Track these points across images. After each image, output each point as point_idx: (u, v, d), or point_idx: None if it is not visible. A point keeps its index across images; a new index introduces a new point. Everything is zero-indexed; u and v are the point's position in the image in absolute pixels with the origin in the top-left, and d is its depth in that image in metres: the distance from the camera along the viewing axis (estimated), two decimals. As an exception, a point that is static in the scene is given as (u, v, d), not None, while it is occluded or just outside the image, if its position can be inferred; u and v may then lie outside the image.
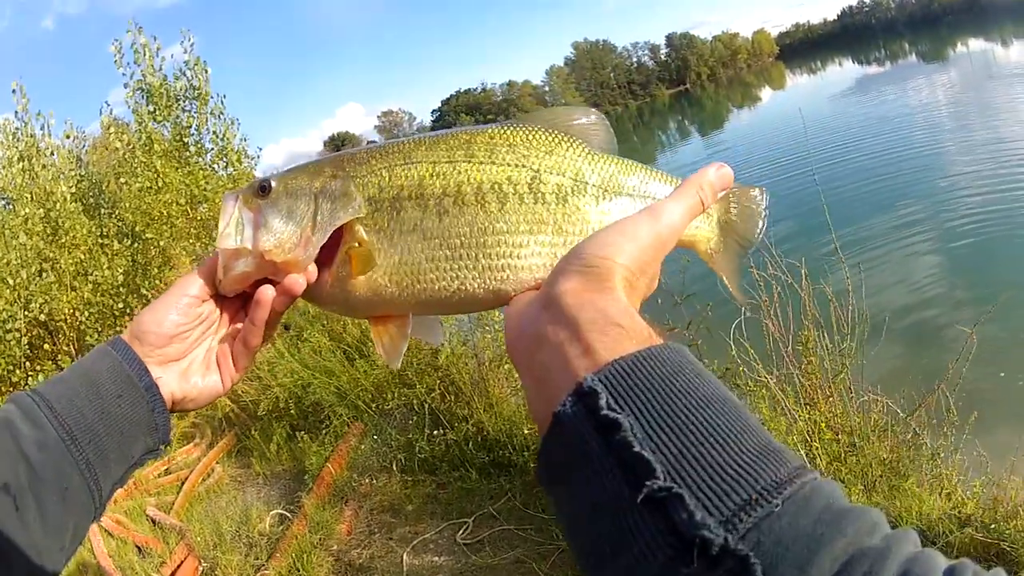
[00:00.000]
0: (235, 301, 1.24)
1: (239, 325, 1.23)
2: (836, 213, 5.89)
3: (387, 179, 1.10)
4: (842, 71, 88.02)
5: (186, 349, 1.19)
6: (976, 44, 63.21)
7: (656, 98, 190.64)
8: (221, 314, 1.24)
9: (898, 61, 79.10)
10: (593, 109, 1.17)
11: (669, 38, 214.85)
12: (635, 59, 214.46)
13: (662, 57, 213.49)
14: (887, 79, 48.45)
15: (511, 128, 1.12)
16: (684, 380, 0.64)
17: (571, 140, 1.12)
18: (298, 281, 1.11)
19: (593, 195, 1.10)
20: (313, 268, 1.12)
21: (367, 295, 1.11)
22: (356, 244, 1.10)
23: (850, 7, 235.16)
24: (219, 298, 1.22)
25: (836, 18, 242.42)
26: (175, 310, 1.16)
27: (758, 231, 1.21)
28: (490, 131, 1.12)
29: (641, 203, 1.11)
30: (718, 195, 0.99)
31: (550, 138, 1.12)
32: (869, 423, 4.61)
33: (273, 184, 1.14)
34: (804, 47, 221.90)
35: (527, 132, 1.12)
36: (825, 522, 0.54)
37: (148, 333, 1.15)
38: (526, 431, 5.59)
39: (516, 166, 1.09)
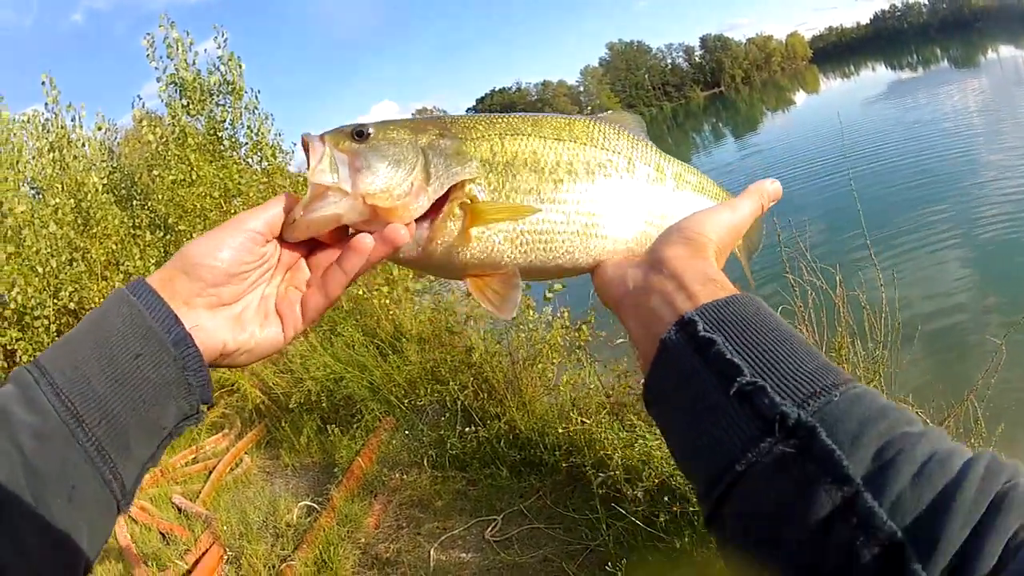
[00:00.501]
0: (298, 248, 1.13)
1: (300, 275, 1.13)
2: (869, 218, 5.90)
3: (499, 145, 1.16)
4: (875, 76, 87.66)
5: (241, 292, 1.07)
6: (1007, 51, 62.98)
7: (691, 100, 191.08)
8: (279, 260, 1.12)
9: (930, 66, 78.56)
10: (634, 115, 1.34)
11: (703, 40, 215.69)
12: (669, 61, 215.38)
13: (696, 59, 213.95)
14: (920, 84, 48.05)
15: (599, 121, 1.26)
16: (763, 316, 0.83)
17: (645, 139, 1.30)
18: (400, 232, 1.06)
19: (670, 185, 1.31)
20: (404, 229, 1.09)
21: (477, 254, 1.13)
22: (467, 202, 1.13)
23: (883, 11, 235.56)
24: (281, 242, 1.11)
25: (869, 22, 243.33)
26: (237, 243, 1.04)
27: (761, 238, 1.58)
28: (583, 120, 1.25)
29: (698, 195, 1.35)
30: (772, 203, 1.21)
31: (631, 135, 1.28)
32: None
33: (371, 130, 1.12)
34: (837, 51, 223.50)
35: (614, 127, 1.27)
36: (873, 410, 0.70)
37: (201, 267, 1.01)
38: (560, 430, 5.57)
39: (613, 152, 1.24)
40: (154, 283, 1.00)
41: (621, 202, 1.22)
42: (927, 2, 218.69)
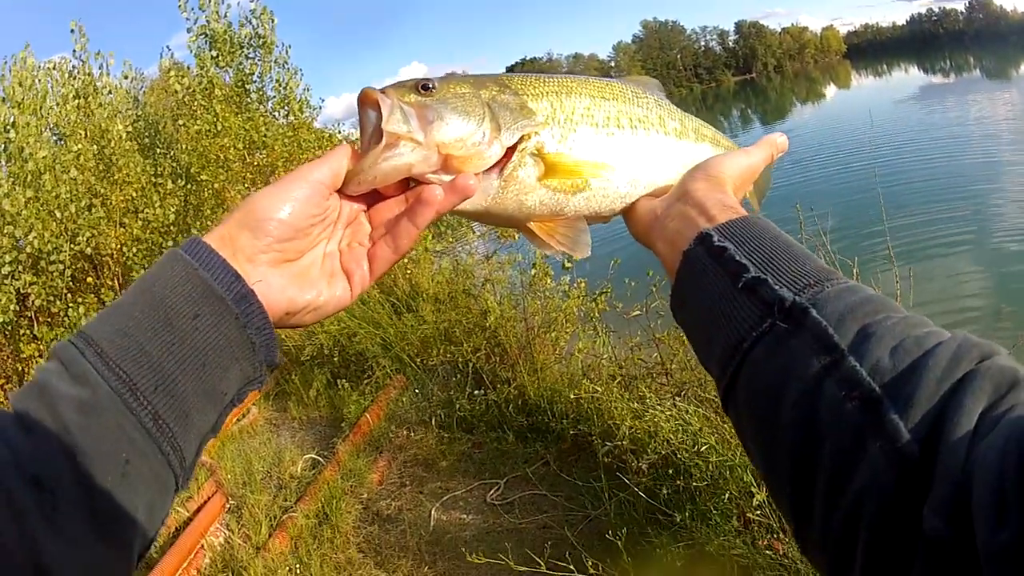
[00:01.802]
0: (360, 200, 1.10)
1: (362, 230, 1.10)
2: (890, 216, 5.89)
3: (558, 101, 1.24)
4: (907, 77, 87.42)
5: (305, 247, 1.03)
6: None
7: (721, 84, 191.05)
8: (340, 214, 1.09)
9: (963, 74, 77.74)
10: (654, 79, 1.51)
11: (738, 25, 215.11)
12: (703, 43, 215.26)
13: (730, 44, 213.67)
14: (951, 90, 47.94)
15: (626, 83, 1.39)
16: (770, 230, 0.95)
17: (666, 99, 1.45)
18: (471, 182, 1.07)
19: (692, 138, 1.45)
20: (474, 178, 1.10)
21: (546, 201, 1.20)
22: (535, 153, 1.19)
23: (919, 14, 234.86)
24: (344, 195, 1.08)
25: (905, 23, 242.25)
26: (303, 197, 1.00)
27: (769, 185, 1.74)
28: (615, 83, 1.36)
29: (714, 146, 1.51)
30: (779, 155, 1.36)
31: (655, 96, 1.42)
32: None
33: (435, 84, 1.13)
34: (872, 49, 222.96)
35: (641, 88, 1.40)
36: (860, 297, 0.81)
37: (269, 220, 0.97)
38: (570, 396, 5.54)
39: (647, 108, 1.37)
40: (212, 241, 0.94)
41: (658, 152, 1.34)
42: (963, 11, 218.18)
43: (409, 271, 8.48)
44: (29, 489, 0.72)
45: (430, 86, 1.12)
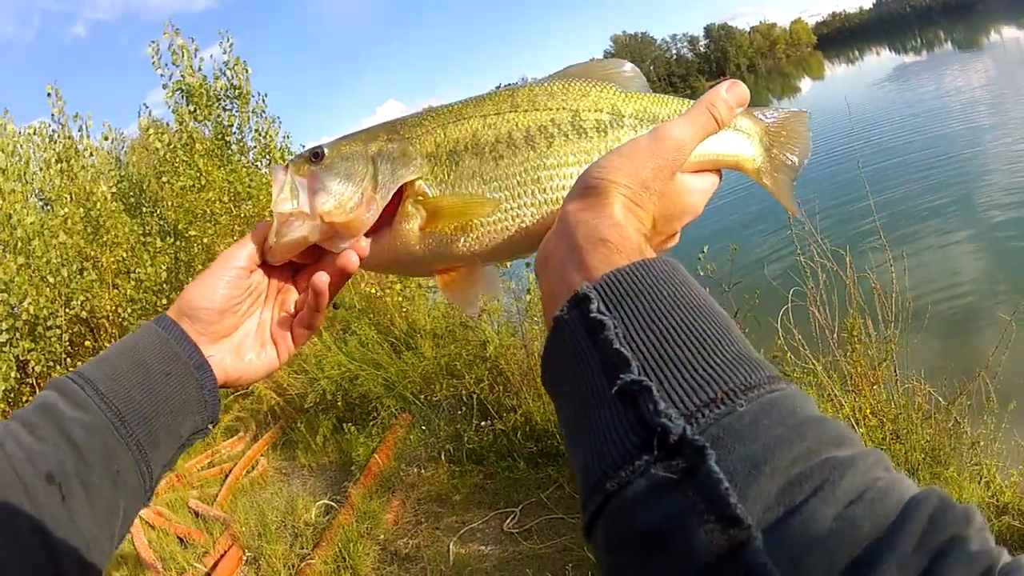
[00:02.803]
0: (283, 270, 1.23)
1: (290, 295, 1.24)
2: (878, 201, 5.93)
3: (442, 136, 1.18)
4: (880, 60, 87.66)
5: (237, 323, 1.19)
6: (1009, 32, 63.46)
7: (696, 90, 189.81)
8: (269, 284, 1.23)
9: (934, 50, 78.52)
10: (627, 61, 1.25)
11: (707, 30, 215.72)
12: (675, 51, 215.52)
13: (701, 49, 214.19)
14: (924, 67, 48.43)
15: (548, 80, 1.22)
16: (670, 289, 0.69)
17: (604, 84, 1.21)
18: (351, 259, 1.14)
19: (631, 126, 1.18)
20: (364, 240, 1.16)
21: (435, 247, 1.16)
22: (418, 200, 1.16)
23: None
24: (267, 268, 1.21)
25: (872, 7, 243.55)
26: (225, 283, 1.15)
27: (804, 151, 1.28)
28: (529, 86, 1.22)
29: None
30: (735, 111, 1.00)
31: (585, 84, 1.20)
32: (912, 409, 4.61)
33: (326, 151, 1.18)
34: (842, 36, 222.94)
35: (563, 82, 1.21)
36: (788, 426, 0.57)
37: (199, 309, 1.13)
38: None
39: (557, 109, 1.18)
40: (172, 317, 1.15)
41: (567, 160, 1.16)
42: None
43: (405, 309, 8.47)
44: (42, 482, 0.93)
45: (321, 153, 1.17)
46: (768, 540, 0.49)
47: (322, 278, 1.14)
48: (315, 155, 1.17)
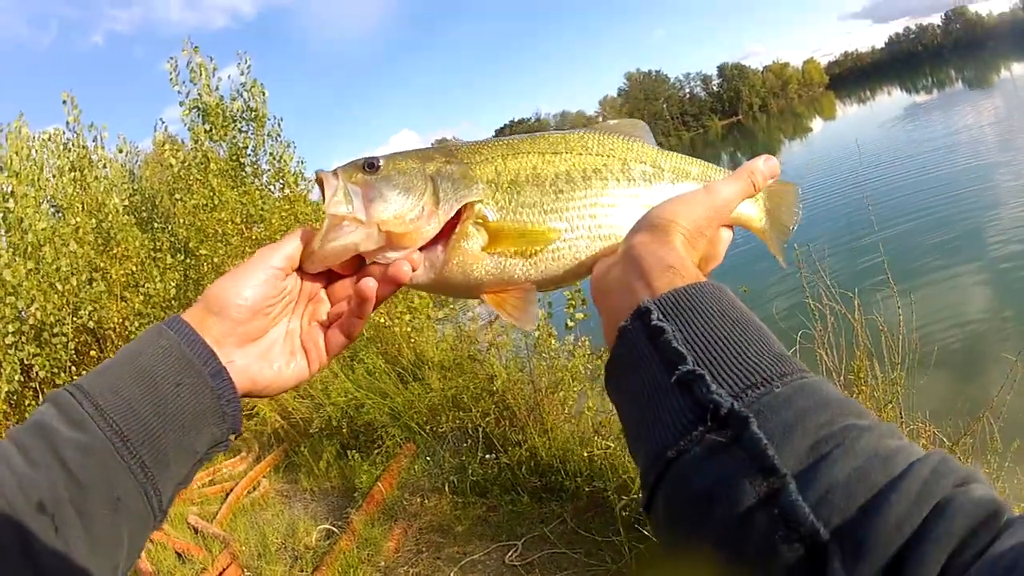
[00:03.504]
0: (318, 279, 1.20)
1: (322, 306, 1.21)
2: (888, 239, 5.99)
3: (502, 165, 1.25)
4: (891, 100, 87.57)
5: (266, 326, 1.14)
6: (1019, 68, 63.83)
7: (709, 129, 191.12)
8: (300, 292, 1.19)
9: (945, 88, 78.91)
10: (639, 120, 1.42)
11: (721, 68, 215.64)
12: (688, 90, 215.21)
13: (714, 88, 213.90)
14: (935, 106, 48.66)
15: (592, 131, 1.34)
16: (719, 304, 0.83)
17: (640, 140, 1.36)
18: (404, 268, 1.14)
19: (668, 179, 1.35)
20: (418, 253, 1.18)
21: (492, 269, 1.21)
22: (478, 222, 1.21)
23: (897, 35, 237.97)
24: (302, 274, 1.19)
25: (884, 46, 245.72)
26: (260, 281, 1.11)
27: (795, 218, 1.48)
28: (577, 133, 1.33)
29: (701, 185, 1.29)
30: (768, 182, 1.19)
31: (625, 138, 1.35)
32: None
33: (382, 162, 1.20)
34: (853, 76, 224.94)
35: (606, 133, 1.34)
36: (816, 401, 0.70)
37: (231, 306, 1.08)
38: (585, 453, 5.61)
39: (608, 156, 1.31)
40: (188, 320, 1.07)
41: (619, 202, 1.28)
42: (940, 24, 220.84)
43: (413, 340, 8.50)
44: (33, 512, 0.86)
45: (376, 164, 1.19)
46: (799, 485, 0.62)
47: (370, 283, 1.13)
48: (370, 165, 1.19)
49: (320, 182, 1.18)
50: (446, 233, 1.20)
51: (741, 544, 0.64)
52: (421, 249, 1.18)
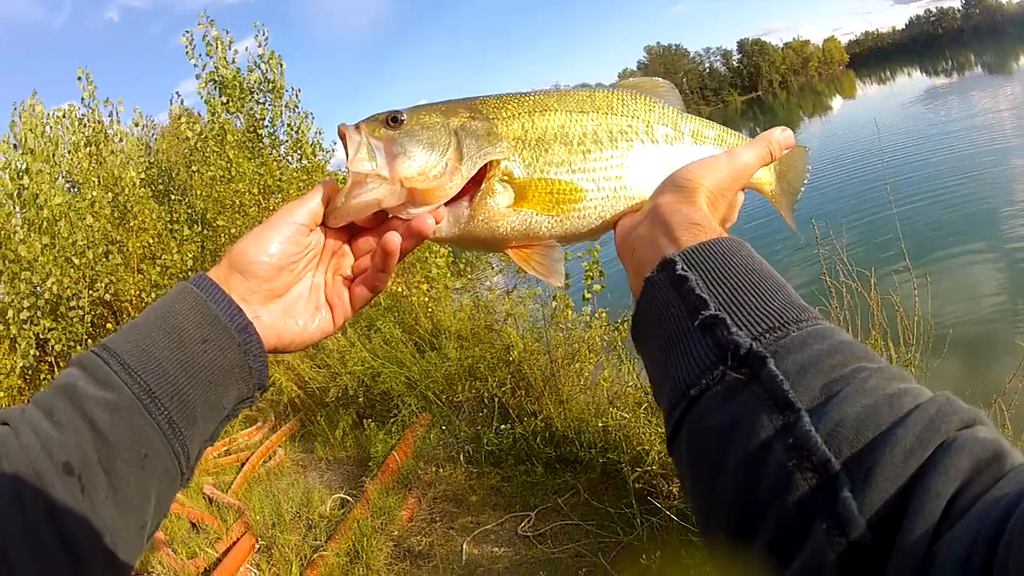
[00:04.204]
0: (341, 233, 1.21)
1: (345, 260, 1.22)
2: (904, 223, 5.94)
3: (530, 122, 1.25)
4: (911, 81, 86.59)
5: (291, 282, 1.15)
6: None
7: (728, 104, 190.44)
8: (324, 246, 1.20)
9: (965, 72, 77.74)
10: (664, 80, 1.43)
11: (740, 44, 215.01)
12: (707, 65, 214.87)
13: (734, 63, 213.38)
14: (955, 90, 48.16)
15: (618, 90, 1.35)
16: (739, 257, 0.88)
17: (663, 103, 1.38)
18: (428, 222, 1.14)
19: (688, 141, 1.38)
20: (443, 208, 1.18)
21: (517, 226, 1.22)
22: (504, 179, 1.22)
23: (918, 16, 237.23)
24: (325, 229, 1.19)
25: (904, 27, 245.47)
26: (284, 238, 1.11)
27: (804, 181, 1.56)
28: (603, 91, 1.34)
29: (718, 148, 1.41)
30: (783, 152, 1.24)
31: (649, 99, 1.36)
32: None
33: (405, 116, 1.19)
34: (874, 56, 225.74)
35: (632, 93, 1.35)
36: (829, 343, 0.74)
37: (255, 263, 1.09)
38: (600, 424, 5.60)
39: (633, 117, 1.32)
40: (213, 278, 1.09)
41: (643, 163, 1.30)
42: (960, 8, 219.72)
43: (431, 309, 8.51)
44: (59, 474, 0.86)
45: (399, 118, 1.18)
46: (812, 418, 0.66)
47: (395, 238, 1.13)
48: (393, 119, 1.18)
49: (343, 136, 1.18)
50: (471, 188, 1.20)
51: (758, 474, 0.67)
52: (446, 204, 1.18)
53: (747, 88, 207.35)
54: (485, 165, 1.20)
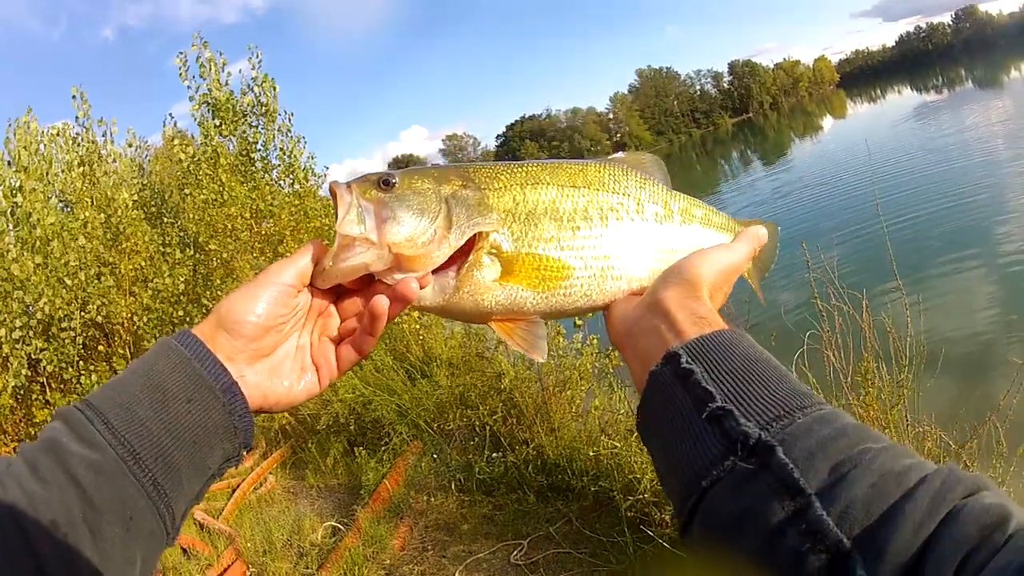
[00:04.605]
0: (328, 294, 1.20)
1: (332, 321, 1.21)
2: (896, 242, 5.96)
3: (521, 195, 1.24)
4: (901, 99, 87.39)
5: (277, 342, 1.13)
6: None
7: (719, 127, 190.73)
8: (311, 307, 1.19)
9: (955, 88, 78.99)
10: (651, 155, 1.44)
11: (731, 66, 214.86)
12: (698, 87, 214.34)
13: (725, 85, 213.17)
14: (945, 106, 48.71)
15: (608, 165, 1.35)
16: (741, 348, 0.91)
17: (653, 179, 1.39)
18: (412, 287, 1.13)
19: (677, 220, 1.38)
20: (429, 276, 1.17)
21: (503, 301, 1.20)
22: (492, 252, 1.20)
23: (907, 33, 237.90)
24: (313, 289, 1.18)
25: (894, 44, 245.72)
26: (271, 298, 1.10)
27: (774, 259, 1.64)
28: (594, 165, 1.33)
29: (705, 228, 1.44)
30: (763, 243, 1.35)
31: (639, 176, 1.36)
32: (923, 454, 4.61)
33: (397, 180, 1.18)
34: (864, 74, 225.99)
35: (623, 170, 1.35)
36: (834, 428, 0.77)
37: (242, 323, 1.08)
38: (591, 452, 5.61)
39: (624, 194, 1.32)
40: (198, 335, 1.07)
41: (632, 242, 1.30)
42: (950, 23, 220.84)
43: (422, 337, 8.50)
44: (46, 531, 0.84)
45: (391, 181, 1.17)
46: (823, 501, 0.69)
47: (382, 302, 1.12)
48: (385, 182, 1.17)
49: (334, 194, 1.17)
50: (459, 258, 1.20)
51: (773, 557, 0.71)
52: (433, 273, 1.18)
53: (738, 110, 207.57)
54: (474, 236, 1.20)
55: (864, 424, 0.80)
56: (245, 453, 1.10)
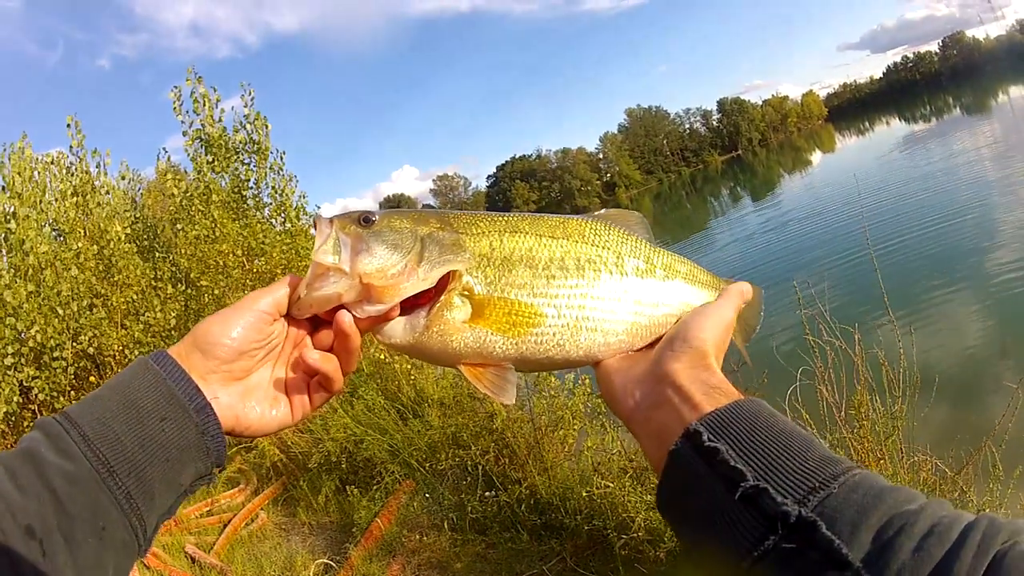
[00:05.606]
0: (303, 325, 1.23)
1: (312, 355, 1.20)
2: (886, 272, 6.01)
3: (498, 241, 1.26)
4: (890, 131, 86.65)
5: (251, 368, 1.17)
6: (1016, 91, 64.51)
7: (708, 165, 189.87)
8: (287, 339, 1.23)
9: (943, 116, 78.96)
10: (637, 213, 1.47)
11: (720, 103, 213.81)
12: (687, 125, 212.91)
13: (714, 123, 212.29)
14: (933, 135, 48.99)
15: (591, 220, 1.37)
16: (764, 418, 0.91)
17: (635, 235, 1.41)
18: (346, 319, 1.15)
19: (660, 276, 1.39)
20: (397, 309, 1.19)
21: (472, 344, 1.21)
22: (464, 294, 1.22)
23: (895, 64, 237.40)
24: (289, 320, 1.22)
25: (882, 75, 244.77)
26: (247, 323, 1.15)
27: (759, 320, 1.65)
28: (576, 219, 1.35)
29: (688, 284, 1.44)
30: (748, 299, 1.39)
31: (621, 230, 1.39)
32: (918, 484, 4.67)
33: (377, 218, 1.22)
34: (852, 107, 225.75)
35: (605, 223, 1.38)
36: (871, 495, 0.77)
37: (217, 345, 1.12)
38: (584, 492, 5.62)
39: (603, 247, 1.33)
40: (173, 355, 1.11)
41: (610, 294, 1.30)
42: (938, 51, 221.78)
43: (413, 377, 8.50)
44: (22, 536, 0.88)
45: (371, 219, 1.21)
46: (872, 571, 0.70)
47: (346, 316, 1.16)
48: (365, 219, 1.21)
49: (316, 227, 1.22)
50: (431, 298, 1.22)
51: None
52: (405, 312, 1.21)
53: (727, 147, 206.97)
54: (447, 276, 1.22)
55: (898, 486, 0.80)
56: (217, 471, 1.13)
